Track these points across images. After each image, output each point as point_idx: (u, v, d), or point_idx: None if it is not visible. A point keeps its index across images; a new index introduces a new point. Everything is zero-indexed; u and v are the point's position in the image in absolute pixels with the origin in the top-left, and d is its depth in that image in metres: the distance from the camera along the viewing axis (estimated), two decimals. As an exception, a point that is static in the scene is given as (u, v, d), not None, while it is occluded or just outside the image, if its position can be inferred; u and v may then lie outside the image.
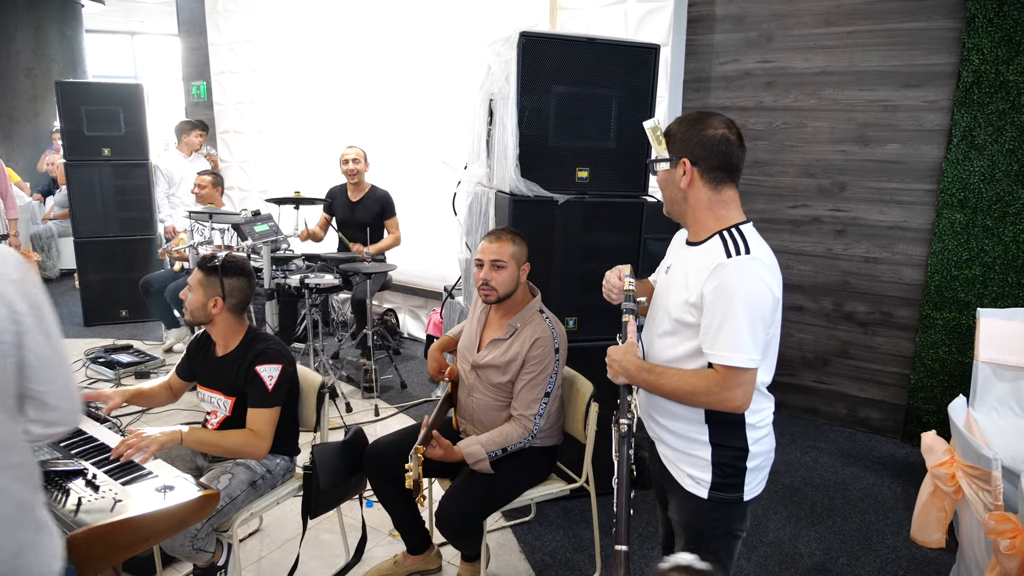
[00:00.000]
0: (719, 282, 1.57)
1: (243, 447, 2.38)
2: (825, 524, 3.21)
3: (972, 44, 3.58)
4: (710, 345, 1.60)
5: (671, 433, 1.77)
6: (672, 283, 1.76)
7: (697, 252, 1.70)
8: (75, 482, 1.94)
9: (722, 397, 1.59)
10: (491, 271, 2.47)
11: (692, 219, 1.73)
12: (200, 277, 2.47)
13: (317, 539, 2.99)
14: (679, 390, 1.65)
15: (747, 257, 1.58)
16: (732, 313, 1.55)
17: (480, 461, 2.38)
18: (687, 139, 1.68)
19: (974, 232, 3.70)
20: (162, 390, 2.68)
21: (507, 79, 2.92)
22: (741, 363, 1.56)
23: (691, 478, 1.73)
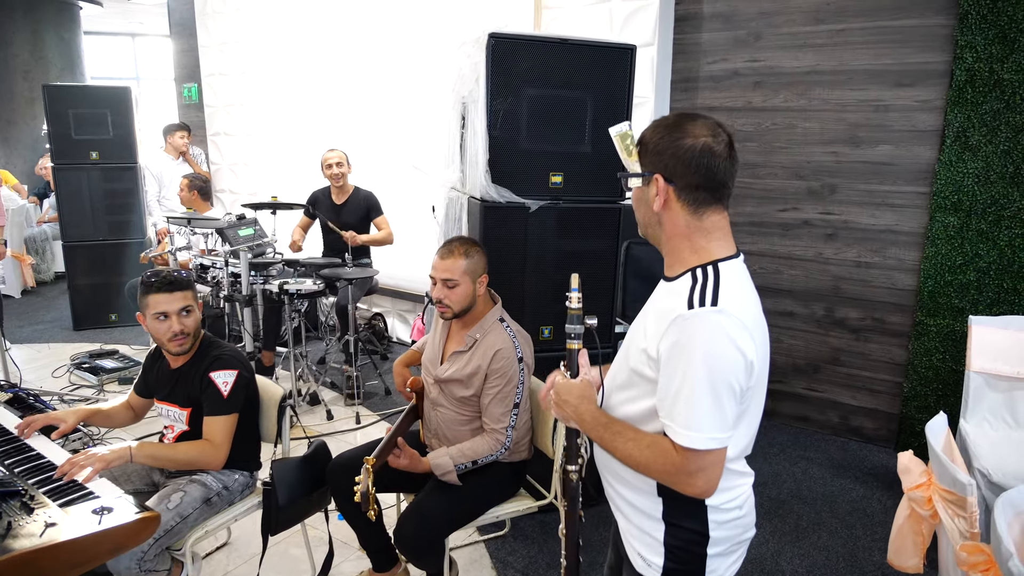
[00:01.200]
0: (676, 338, 1.28)
1: (199, 457, 2.31)
2: (810, 539, 3.11)
3: (965, 41, 3.46)
4: (667, 415, 1.31)
5: (624, 501, 1.50)
6: (638, 324, 1.47)
7: (668, 291, 1.40)
8: (9, 504, 1.88)
9: (680, 480, 1.31)
10: (444, 289, 2.39)
11: (667, 248, 1.42)
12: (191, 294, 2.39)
13: (285, 553, 2.93)
14: (631, 459, 1.37)
15: (712, 310, 1.27)
16: (690, 381, 1.26)
17: (447, 473, 2.30)
18: (662, 150, 1.35)
19: (968, 236, 3.58)
20: (122, 410, 2.61)
21: (477, 81, 2.84)
22: (701, 444, 1.26)
23: (641, 558, 1.47)
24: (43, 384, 4.61)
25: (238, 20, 6.38)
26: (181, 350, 2.38)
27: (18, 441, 2.31)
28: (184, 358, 2.44)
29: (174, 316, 2.34)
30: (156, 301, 2.33)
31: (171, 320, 2.33)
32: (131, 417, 2.65)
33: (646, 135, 1.40)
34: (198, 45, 6.76)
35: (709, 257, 1.36)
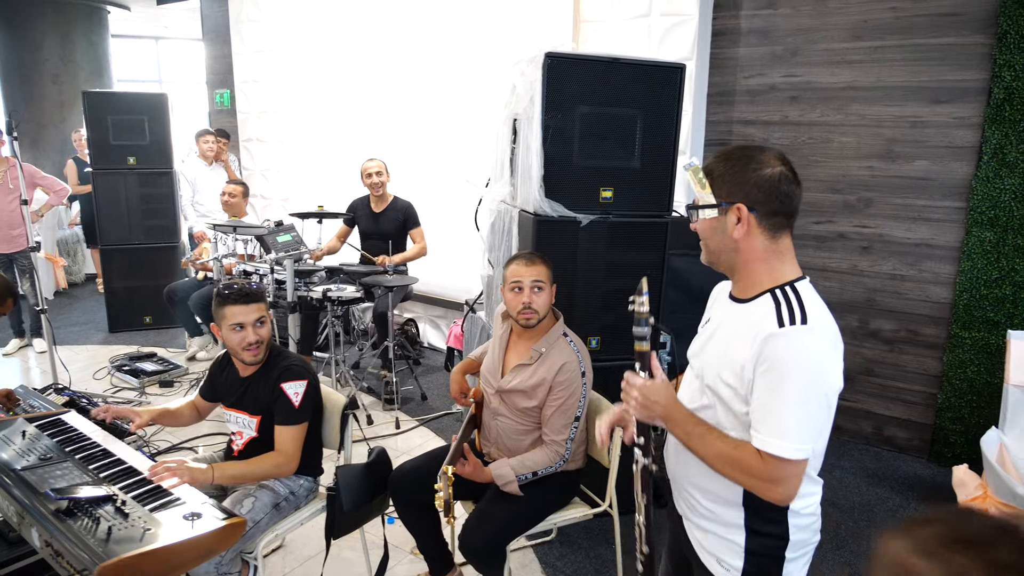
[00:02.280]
0: (769, 355, 1.35)
1: (274, 471, 2.41)
2: (850, 548, 3.18)
3: (1004, 60, 3.52)
4: (756, 427, 1.38)
5: (702, 511, 1.58)
6: (712, 345, 1.55)
7: (745, 312, 1.47)
8: (105, 509, 1.96)
9: (762, 485, 1.38)
10: (532, 294, 2.45)
11: (743, 272, 1.49)
12: (264, 306, 2.47)
13: (339, 556, 3.01)
14: (721, 456, 1.41)
15: (804, 328, 1.34)
16: (781, 394, 1.33)
17: (509, 483, 2.38)
18: (740, 180, 1.43)
19: (1004, 251, 3.64)
20: (188, 410, 2.71)
21: (532, 99, 2.91)
22: (788, 454, 1.33)
23: (720, 563, 1.55)
24: (86, 386, 4.70)
25: (273, 28, 6.47)
26: (255, 360, 2.46)
27: (99, 446, 2.39)
28: (254, 367, 2.53)
29: (249, 327, 2.42)
30: (233, 313, 2.41)
31: (247, 331, 2.42)
32: (196, 416, 2.75)
33: (717, 168, 1.48)
34: (232, 52, 6.86)
35: (784, 279, 1.45)
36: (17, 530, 2.07)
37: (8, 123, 4.06)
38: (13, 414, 2.83)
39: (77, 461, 2.27)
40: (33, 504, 1.97)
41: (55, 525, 1.87)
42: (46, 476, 2.15)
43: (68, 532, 1.84)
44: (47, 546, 1.89)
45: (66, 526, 1.87)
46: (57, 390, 4.18)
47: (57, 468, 2.22)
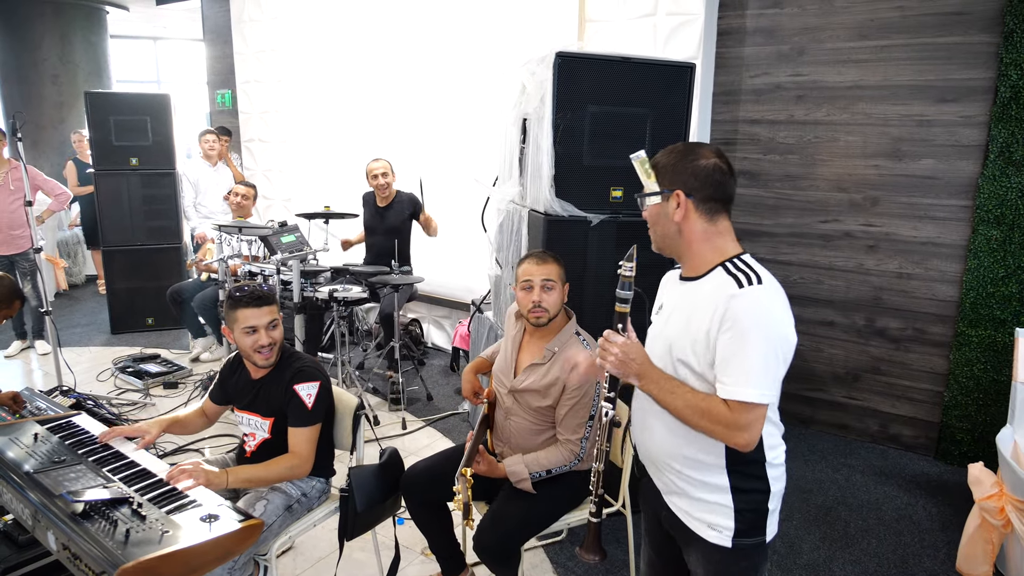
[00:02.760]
0: (731, 314, 1.49)
1: (288, 473, 2.40)
2: (860, 546, 3.18)
3: (1010, 59, 3.52)
4: (721, 379, 1.51)
5: (689, 481, 1.66)
6: (673, 325, 1.65)
7: (696, 287, 1.62)
8: (121, 511, 1.96)
9: (729, 432, 1.50)
10: (542, 292, 2.46)
11: (688, 253, 1.64)
12: (276, 308, 2.47)
13: (350, 557, 3.00)
14: (690, 407, 1.53)
15: (760, 287, 1.51)
16: (745, 345, 1.47)
17: (523, 480, 2.38)
18: (679, 170, 1.60)
19: (1011, 249, 3.65)
20: (197, 417, 2.69)
21: (542, 99, 2.91)
22: (753, 398, 1.47)
23: (712, 528, 1.64)
24: (90, 388, 4.69)
25: (275, 28, 6.46)
26: (267, 363, 2.46)
27: (111, 448, 2.38)
28: (266, 369, 2.52)
29: (262, 330, 2.42)
30: (245, 316, 2.40)
31: (259, 334, 2.41)
32: (204, 423, 2.73)
33: (661, 160, 1.64)
34: (233, 52, 6.84)
35: (728, 253, 1.61)
36: (31, 532, 2.06)
37: (12, 124, 4.03)
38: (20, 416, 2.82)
39: (90, 463, 2.27)
40: (48, 506, 1.96)
41: (72, 528, 1.86)
42: (60, 478, 2.14)
43: (86, 535, 1.83)
44: (64, 549, 1.88)
45: (83, 529, 1.86)
46: (63, 392, 4.16)
47: (71, 470, 2.21)
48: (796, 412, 4.45)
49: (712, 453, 1.61)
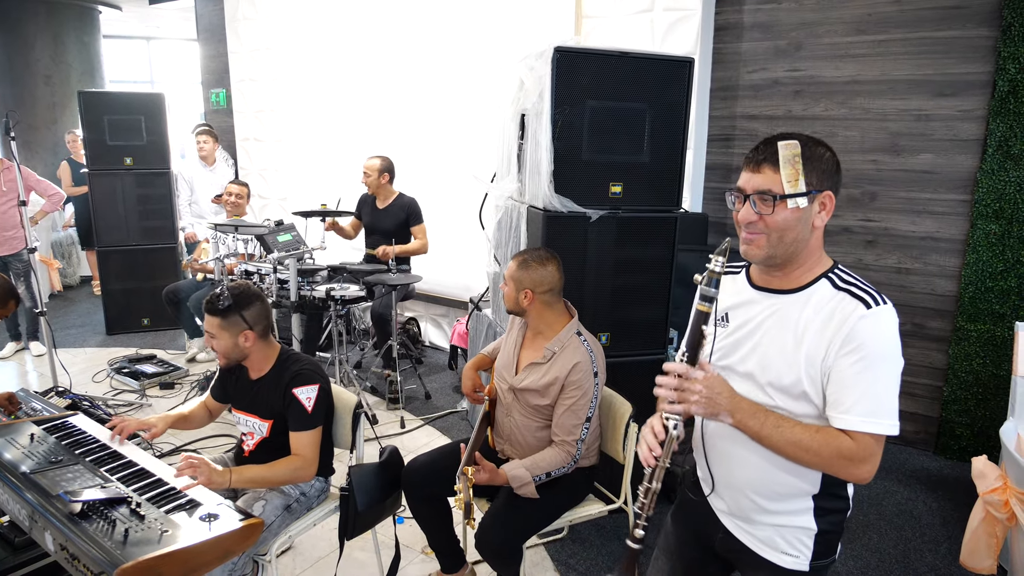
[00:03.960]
0: (861, 336, 1.34)
1: (293, 475, 2.38)
2: (861, 541, 3.17)
3: (1008, 53, 3.52)
4: (847, 409, 1.35)
5: (768, 509, 1.53)
6: (758, 344, 1.48)
7: (798, 301, 1.44)
8: (119, 511, 1.93)
9: (850, 466, 1.35)
10: (501, 284, 2.59)
11: (800, 262, 1.45)
12: (219, 322, 2.38)
13: (351, 557, 2.98)
14: (800, 443, 1.36)
15: (888, 308, 1.36)
16: (877, 372, 1.34)
17: (525, 485, 2.36)
18: (825, 167, 1.41)
19: (1010, 243, 3.65)
20: (201, 412, 2.68)
21: (540, 94, 2.89)
22: (886, 430, 1.34)
23: (788, 553, 1.54)
24: (86, 389, 4.65)
25: (269, 27, 6.43)
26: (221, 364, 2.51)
27: (108, 448, 2.36)
28: (263, 370, 2.50)
29: (208, 337, 2.46)
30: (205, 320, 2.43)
31: (207, 337, 2.46)
32: (208, 418, 2.72)
33: (806, 152, 1.40)
34: (227, 51, 6.81)
35: (828, 262, 1.46)
36: (28, 533, 2.04)
37: (6, 123, 4.00)
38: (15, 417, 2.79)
39: (88, 463, 2.24)
40: (46, 507, 1.94)
41: (70, 528, 1.84)
42: (57, 479, 2.11)
43: (84, 535, 1.81)
44: (62, 549, 1.86)
45: (81, 529, 1.83)
46: (59, 393, 4.13)
47: (68, 471, 2.18)
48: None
49: (810, 481, 1.48)
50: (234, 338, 2.42)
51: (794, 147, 1.38)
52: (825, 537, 1.52)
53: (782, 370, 1.43)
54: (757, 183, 1.41)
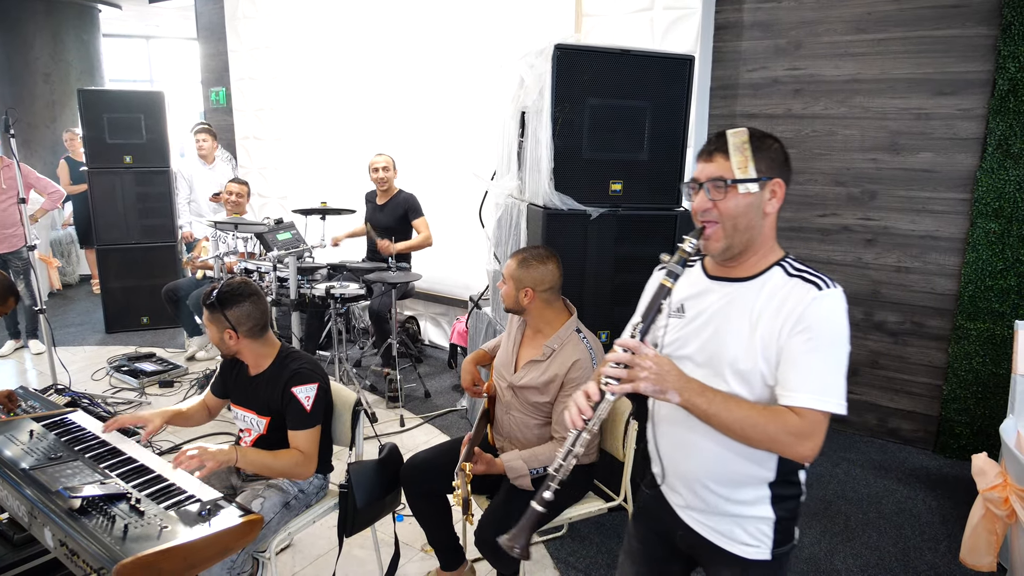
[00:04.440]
0: (812, 316, 1.38)
1: (294, 469, 2.37)
2: (861, 540, 3.17)
3: (1008, 52, 3.52)
4: (796, 386, 1.37)
5: (727, 498, 1.55)
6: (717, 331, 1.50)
7: (751, 287, 1.48)
8: (119, 507, 1.93)
9: (795, 442, 1.36)
10: (500, 283, 2.57)
11: (755, 250, 1.49)
12: (208, 316, 2.45)
13: (350, 554, 2.98)
14: (748, 419, 1.37)
15: (838, 292, 1.41)
16: (826, 351, 1.37)
17: (521, 476, 2.36)
18: (775, 155, 1.46)
19: (1009, 242, 3.65)
20: (199, 410, 2.67)
21: (541, 92, 2.89)
22: (833, 408, 1.36)
23: (749, 544, 1.55)
24: (85, 387, 4.65)
25: (269, 25, 6.42)
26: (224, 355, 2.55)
27: (108, 445, 2.36)
28: (261, 367, 2.50)
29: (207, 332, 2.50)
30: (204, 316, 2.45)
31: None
32: (207, 416, 2.71)
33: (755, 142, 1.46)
34: (227, 49, 6.81)
35: (780, 251, 1.51)
36: (27, 529, 2.04)
37: (5, 121, 3.99)
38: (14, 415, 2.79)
39: (87, 460, 2.24)
40: (45, 503, 1.94)
41: (69, 524, 1.84)
42: (57, 475, 2.11)
43: (83, 531, 1.81)
44: (61, 545, 1.86)
45: (81, 525, 1.83)
46: (58, 391, 4.13)
47: (67, 467, 2.18)
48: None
49: (765, 467, 1.51)
50: (220, 334, 2.45)
51: (742, 134, 1.44)
52: (783, 524, 1.54)
53: (739, 355, 1.45)
54: (710, 171, 1.47)
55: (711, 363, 1.50)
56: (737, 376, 1.46)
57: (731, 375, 1.46)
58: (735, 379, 1.46)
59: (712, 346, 1.50)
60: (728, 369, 1.47)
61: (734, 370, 1.46)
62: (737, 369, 1.45)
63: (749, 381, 1.45)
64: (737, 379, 1.46)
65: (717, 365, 1.48)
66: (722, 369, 1.47)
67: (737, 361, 1.45)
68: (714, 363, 1.49)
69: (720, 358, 1.48)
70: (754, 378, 1.44)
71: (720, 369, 1.48)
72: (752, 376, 1.44)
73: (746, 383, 1.45)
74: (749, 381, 1.45)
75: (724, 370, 1.47)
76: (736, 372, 1.46)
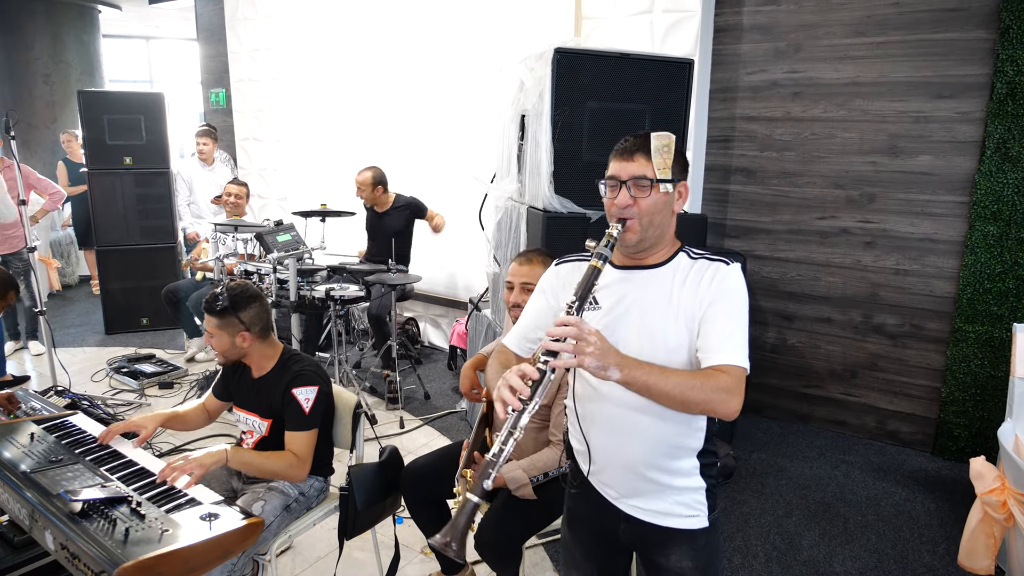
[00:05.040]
0: (725, 287, 1.54)
1: (286, 471, 2.37)
2: (859, 542, 3.18)
3: (1006, 55, 3.53)
4: (720, 347, 1.49)
5: (667, 472, 1.62)
6: (643, 316, 1.58)
7: (663, 273, 1.60)
8: (120, 510, 1.94)
9: (726, 400, 1.44)
10: (521, 294, 2.46)
11: (663, 242, 1.62)
12: (216, 322, 2.41)
13: (350, 557, 2.98)
14: (685, 383, 1.43)
15: (738, 265, 1.59)
16: (739, 316, 1.53)
17: (523, 487, 2.36)
18: (683, 161, 1.63)
19: (1008, 245, 3.66)
20: (198, 413, 2.67)
21: (540, 95, 2.90)
22: (746, 364, 1.50)
23: (692, 517, 1.65)
24: (85, 388, 4.65)
25: (269, 27, 6.43)
26: (220, 362, 2.52)
27: (110, 447, 2.36)
28: (265, 369, 2.50)
29: (206, 336, 2.47)
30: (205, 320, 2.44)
31: (209, 339, 2.47)
32: (205, 419, 2.70)
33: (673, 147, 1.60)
34: (227, 51, 6.81)
35: (679, 243, 1.66)
36: (28, 532, 2.04)
37: (6, 122, 4.00)
38: (14, 416, 2.80)
39: (88, 463, 2.25)
40: (46, 506, 1.94)
41: (70, 527, 1.85)
42: (57, 478, 2.12)
43: (84, 534, 1.81)
44: (62, 548, 1.86)
45: (82, 528, 1.84)
46: (58, 392, 4.13)
47: (68, 470, 2.19)
48: (794, 409, 4.46)
49: (695, 436, 1.62)
50: (231, 338, 2.43)
51: (666, 138, 1.57)
52: (712, 492, 1.66)
53: (668, 332, 1.55)
54: (632, 170, 1.57)
55: (642, 346, 1.56)
56: (668, 352, 1.55)
57: (663, 352, 1.55)
58: (666, 356, 1.55)
59: (639, 328, 1.58)
60: (661, 347, 1.56)
61: (665, 347, 1.55)
62: (668, 347, 1.55)
63: (678, 354, 1.55)
64: (668, 355, 1.55)
65: (647, 347, 1.56)
66: (654, 348, 1.56)
67: (668, 339, 1.55)
68: (645, 345, 1.56)
69: (650, 339, 1.57)
70: (681, 351, 1.56)
71: (653, 349, 1.56)
72: (680, 350, 1.55)
73: (676, 357, 1.56)
74: (678, 354, 1.55)
75: (656, 349, 1.55)
76: (667, 349, 1.55)
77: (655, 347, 1.56)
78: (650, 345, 1.56)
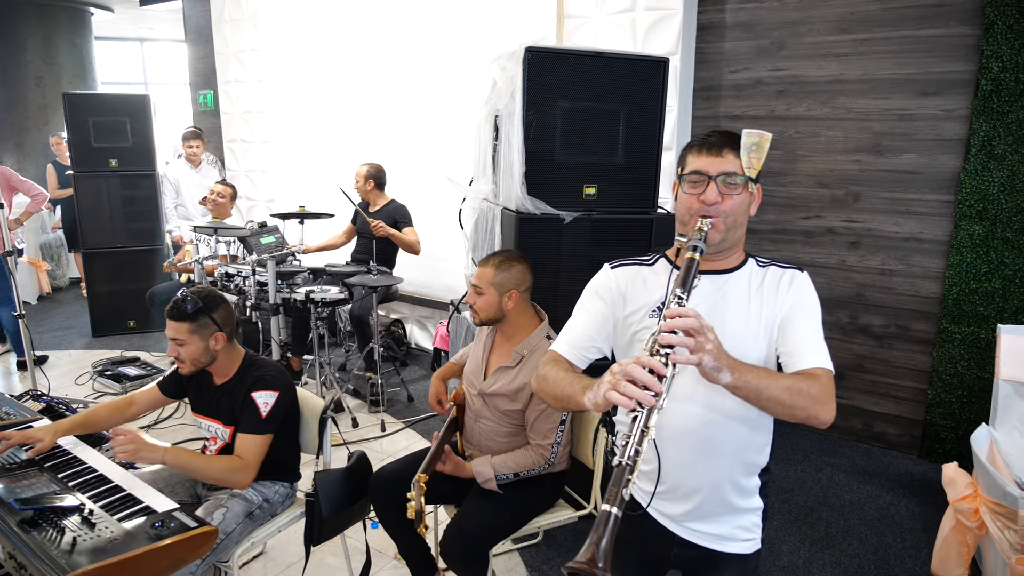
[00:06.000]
0: (801, 294, 1.50)
1: (228, 476, 2.30)
2: (840, 547, 3.13)
3: (991, 51, 3.48)
4: (809, 352, 1.43)
5: (742, 493, 1.58)
6: (728, 315, 1.51)
7: (737, 278, 1.54)
8: (70, 519, 1.90)
9: (826, 404, 1.38)
10: (472, 295, 2.49)
11: (738, 245, 1.57)
12: (188, 326, 2.33)
13: (321, 562, 2.95)
14: (789, 387, 1.34)
15: (807, 273, 1.56)
16: (816, 322, 1.49)
17: (488, 480, 2.34)
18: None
19: (994, 244, 3.61)
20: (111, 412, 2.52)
21: (512, 95, 2.86)
22: (833, 369, 1.45)
23: (748, 541, 1.60)
24: (67, 392, 4.63)
25: (255, 28, 6.40)
26: (186, 372, 2.41)
27: (69, 454, 2.33)
28: (227, 375, 2.46)
29: (171, 342, 2.38)
30: (167, 324, 2.37)
31: (171, 345, 2.38)
32: (120, 419, 2.53)
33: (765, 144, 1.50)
34: (214, 52, 6.79)
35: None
36: (-20, 542, 2.01)
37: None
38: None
39: (47, 470, 2.21)
40: (-3, 515, 1.91)
41: (18, 536, 1.81)
42: (13, 486, 2.08)
43: (31, 543, 1.78)
44: (10, 558, 1.83)
45: (30, 537, 1.81)
46: (34, 396, 4.08)
47: (25, 477, 2.15)
48: (780, 411, 4.41)
49: (765, 452, 1.59)
50: (204, 341, 2.37)
51: (758, 136, 1.45)
52: (766, 513, 1.63)
53: (748, 339, 1.49)
54: (722, 166, 1.47)
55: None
56: (746, 359, 1.41)
57: (741, 359, 1.41)
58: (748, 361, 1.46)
59: (720, 334, 1.38)
60: (740, 354, 1.40)
61: (745, 354, 1.43)
62: (749, 354, 1.46)
63: (756, 361, 1.46)
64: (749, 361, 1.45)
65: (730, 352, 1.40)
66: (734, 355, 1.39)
67: (747, 345, 1.48)
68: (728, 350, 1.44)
69: (734, 344, 1.41)
70: (760, 359, 1.49)
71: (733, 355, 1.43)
72: (759, 357, 1.49)
73: (763, 359, 1.50)
74: (756, 361, 1.46)
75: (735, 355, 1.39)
76: (746, 356, 1.43)
77: (734, 354, 1.40)
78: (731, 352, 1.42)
